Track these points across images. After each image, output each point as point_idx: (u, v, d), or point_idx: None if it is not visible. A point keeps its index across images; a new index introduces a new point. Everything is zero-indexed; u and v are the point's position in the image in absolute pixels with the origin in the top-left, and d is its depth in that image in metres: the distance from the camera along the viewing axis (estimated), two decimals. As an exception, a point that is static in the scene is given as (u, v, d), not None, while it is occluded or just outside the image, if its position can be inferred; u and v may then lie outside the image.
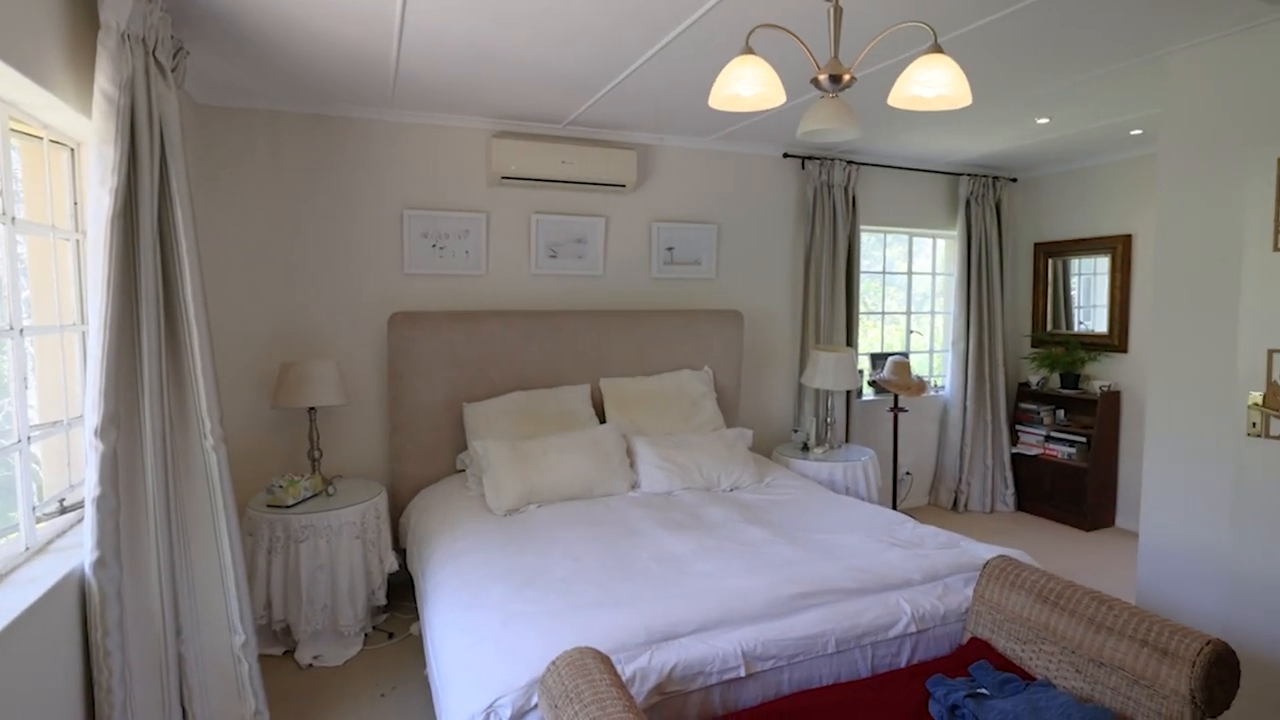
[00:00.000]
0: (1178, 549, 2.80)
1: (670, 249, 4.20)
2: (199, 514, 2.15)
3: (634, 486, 3.29)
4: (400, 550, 3.37)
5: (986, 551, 2.50)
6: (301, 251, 3.48)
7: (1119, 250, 4.61)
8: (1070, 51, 2.71)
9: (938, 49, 1.52)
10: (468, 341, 3.59)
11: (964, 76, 1.51)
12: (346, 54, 2.73)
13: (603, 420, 3.68)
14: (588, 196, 3.99)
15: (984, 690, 1.89)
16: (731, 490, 3.36)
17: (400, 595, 3.42)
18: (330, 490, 3.19)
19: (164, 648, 1.97)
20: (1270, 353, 2.35)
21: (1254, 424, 2.39)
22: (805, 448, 4.17)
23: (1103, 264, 4.75)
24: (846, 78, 1.63)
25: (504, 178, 3.66)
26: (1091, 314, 4.87)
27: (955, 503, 5.01)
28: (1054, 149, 4.43)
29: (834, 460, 3.97)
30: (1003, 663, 2.06)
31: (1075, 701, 1.77)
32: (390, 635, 3.17)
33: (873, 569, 2.31)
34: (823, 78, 1.64)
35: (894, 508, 4.77)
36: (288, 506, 2.98)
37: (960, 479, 4.98)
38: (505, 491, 3.01)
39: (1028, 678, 1.98)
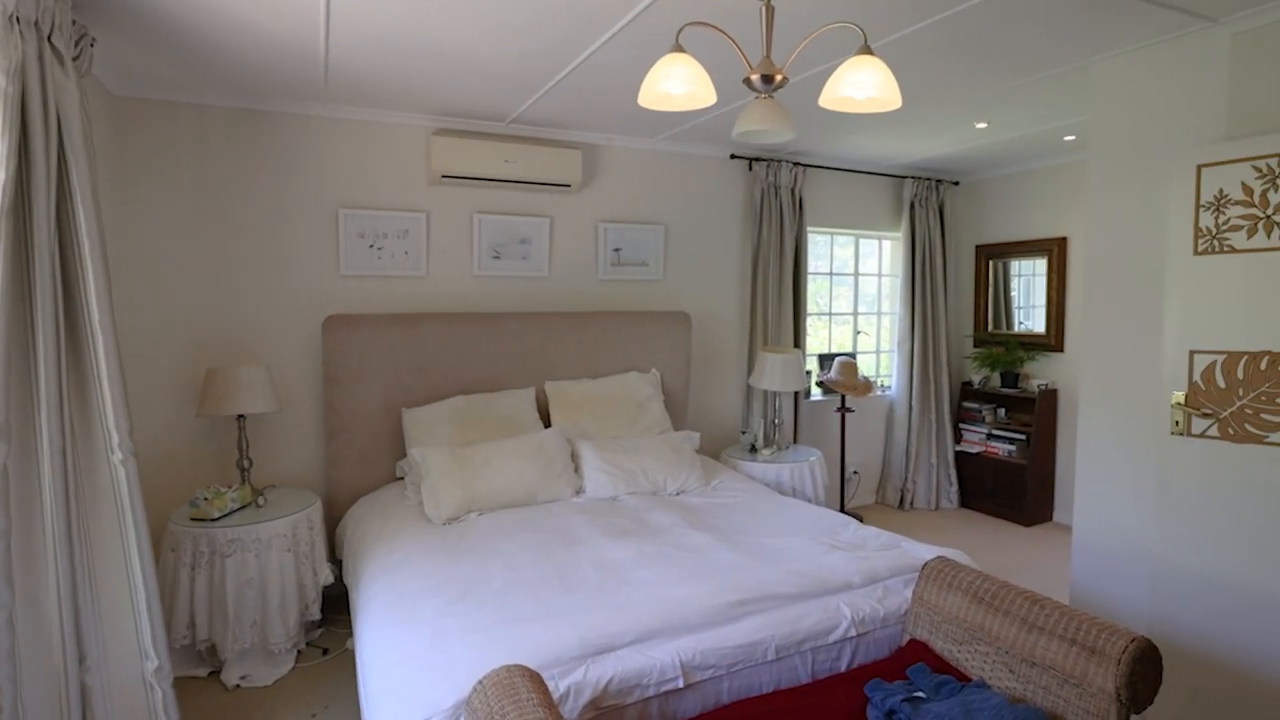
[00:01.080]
0: (1108, 544, 2.87)
1: (617, 250, 4.15)
2: (106, 532, 2.01)
3: (579, 492, 3.24)
4: (337, 561, 3.24)
5: (927, 552, 2.52)
6: (231, 251, 3.32)
7: (1055, 252, 4.73)
8: (1003, 58, 2.75)
9: (868, 51, 1.50)
10: (407, 345, 3.49)
11: (893, 79, 1.51)
12: (272, 45, 2.61)
13: (548, 424, 3.61)
14: (532, 196, 3.92)
15: (921, 694, 1.89)
16: (678, 494, 3.33)
17: (337, 608, 3.29)
18: (260, 501, 3.05)
19: (64, 678, 1.84)
20: (1192, 353, 2.42)
21: (1177, 422, 2.46)
22: (753, 449, 4.17)
23: (1040, 266, 4.87)
24: (779, 78, 1.61)
25: (444, 176, 3.56)
26: (1030, 314, 4.99)
27: (902, 501, 5.08)
28: (993, 153, 4.53)
29: (781, 461, 3.98)
30: (940, 664, 2.07)
31: (1008, 703, 1.78)
32: (325, 651, 3.05)
33: (813, 573, 2.30)
34: (755, 78, 1.61)
35: (842, 507, 4.81)
36: (213, 520, 2.84)
37: (906, 477, 5.06)
38: (444, 500, 2.92)
39: (964, 679, 1.99)
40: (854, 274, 5.25)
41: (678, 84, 1.51)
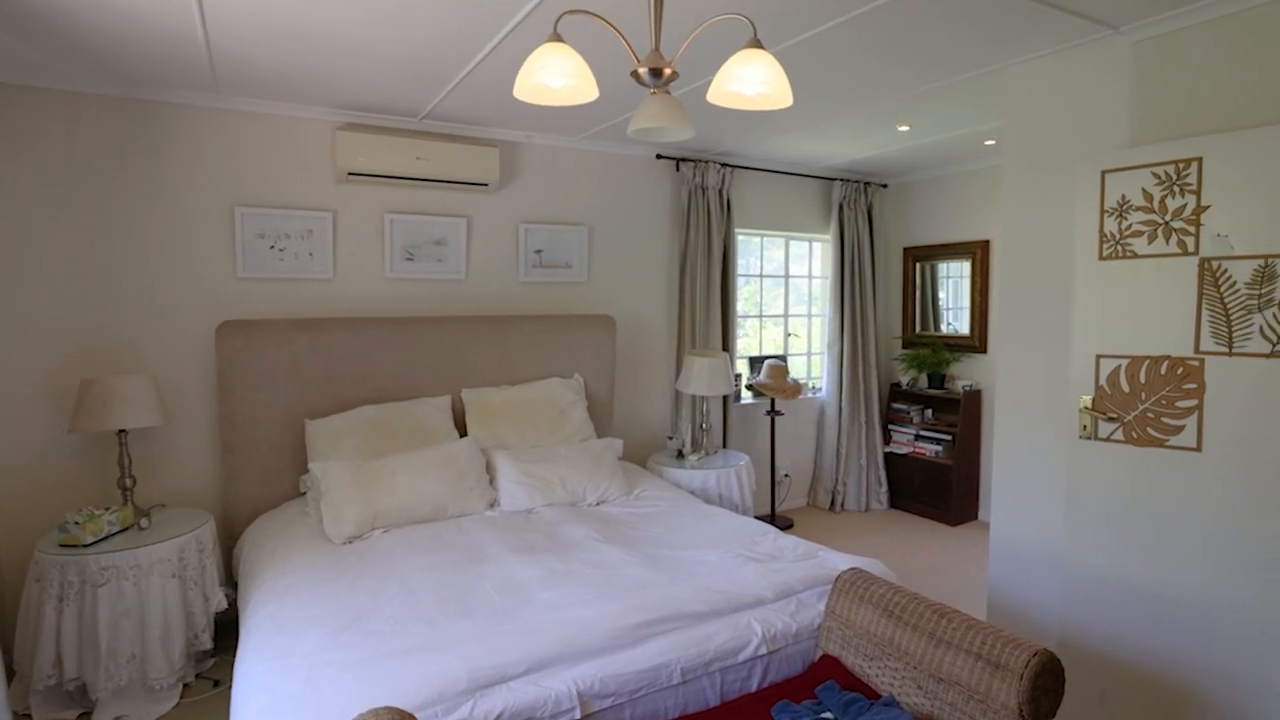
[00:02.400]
0: (1023, 548, 2.88)
1: (539, 252, 4.01)
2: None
3: (493, 505, 3.10)
4: (235, 584, 3.02)
5: (843, 562, 2.47)
6: (111, 251, 3.07)
7: (978, 255, 4.80)
8: (918, 59, 2.73)
9: (757, 44, 1.42)
10: (312, 351, 3.28)
11: (783, 74, 1.43)
12: (146, 28, 2.39)
13: (465, 434, 3.46)
14: (448, 195, 3.75)
15: (828, 715, 1.83)
16: (598, 504, 3.22)
17: (234, 636, 3.06)
18: (143, 523, 2.82)
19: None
20: (1098, 358, 2.44)
21: (1085, 426, 2.47)
22: (680, 455, 4.10)
23: (965, 268, 4.94)
24: (667, 72, 1.52)
25: (350, 174, 3.37)
26: (957, 316, 5.06)
27: (833, 503, 5.09)
28: (918, 156, 4.56)
29: (708, 467, 3.91)
30: (851, 681, 2.01)
31: (913, 721, 1.73)
32: (216, 683, 2.83)
33: (725, 589, 2.22)
34: (642, 71, 1.51)
35: (772, 511, 4.79)
36: (86, 546, 2.60)
37: (837, 479, 5.06)
38: (345, 517, 2.74)
39: (874, 696, 1.93)
40: (785, 275, 5.23)
41: (555, 76, 1.40)
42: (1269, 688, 2.12)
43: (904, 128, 3.82)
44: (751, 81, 1.41)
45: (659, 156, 4.34)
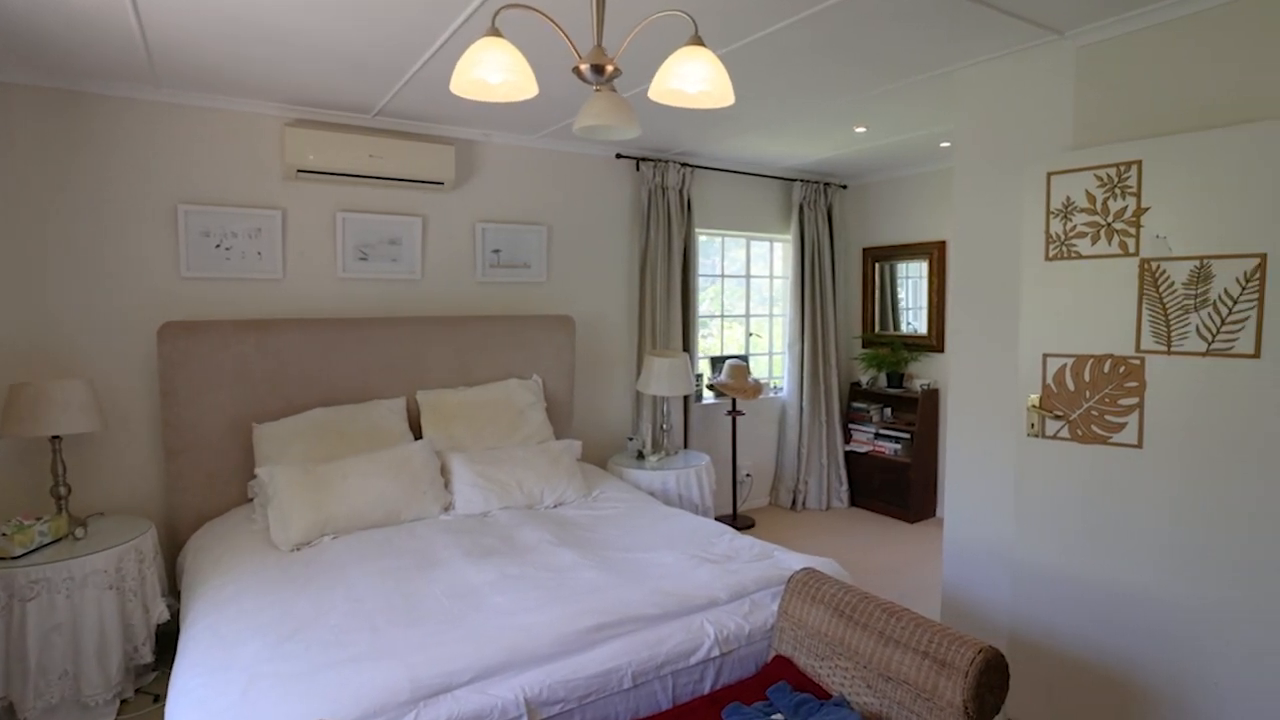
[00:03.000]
0: (976, 545, 2.92)
1: (497, 251, 3.96)
2: None
3: (448, 508, 3.04)
4: (179, 594, 2.92)
5: (798, 562, 2.48)
6: (44, 250, 2.94)
7: (935, 255, 4.87)
8: (871, 60, 2.75)
9: (698, 42, 1.41)
10: (261, 353, 3.19)
11: (724, 72, 1.41)
12: (75, 18, 2.29)
13: (420, 437, 3.40)
14: (402, 194, 3.68)
15: (778, 716, 1.82)
16: (555, 506, 3.19)
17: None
18: (79, 533, 2.71)
19: None
20: (1045, 357, 2.48)
21: (1032, 425, 2.51)
22: (640, 455, 4.08)
23: (922, 268, 5.01)
24: (610, 69, 1.49)
25: (300, 171, 3.28)
26: (915, 316, 5.12)
27: (794, 502, 5.12)
28: (876, 157, 4.61)
29: (668, 468, 3.90)
30: (803, 681, 2.01)
31: (862, 721, 1.73)
32: (156, 698, 2.74)
33: (679, 591, 2.21)
34: (584, 68, 1.49)
35: (734, 511, 4.80)
36: (14, 558, 2.48)
37: (798, 479, 5.09)
38: (293, 523, 2.67)
39: (825, 696, 1.93)
40: (746, 276, 5.25)
41: (493, 71, 1.36)
42: (1210, 681, 2.17)
43: (861, 129, 3.85)
44: (692, 79, 1.40)
45: (619, 156, 4.32)
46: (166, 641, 2.90)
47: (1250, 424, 2.07)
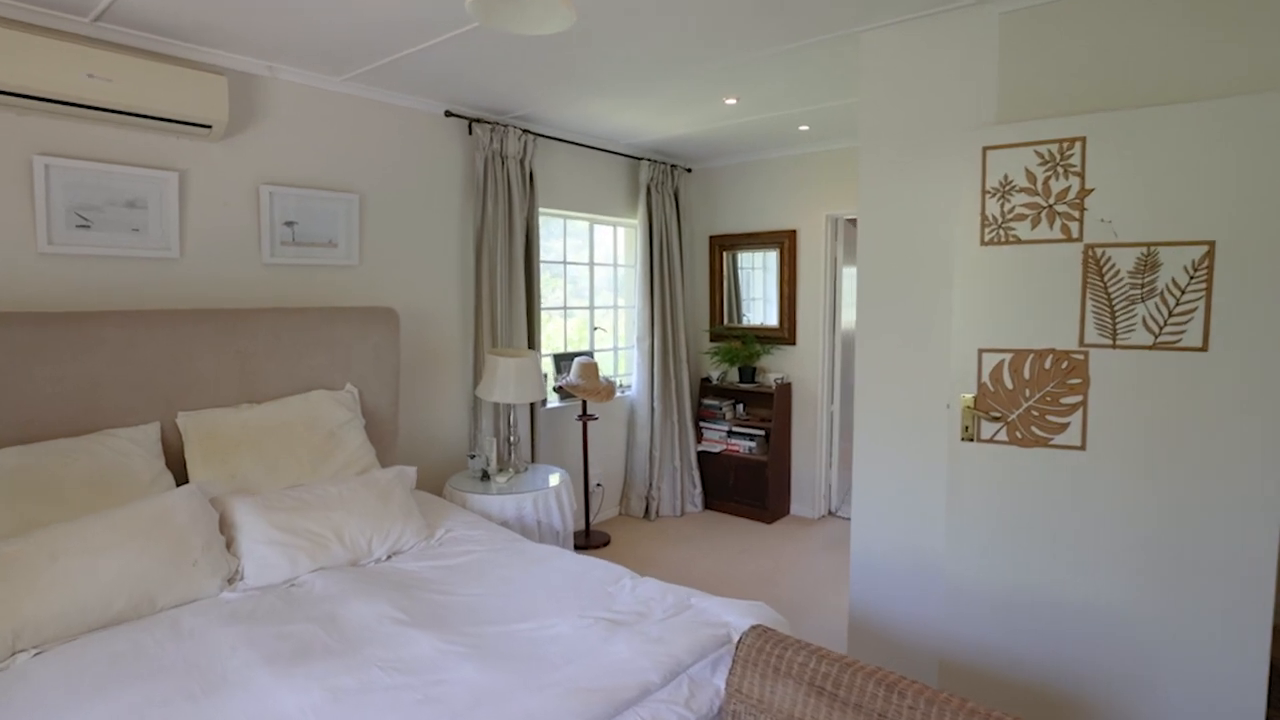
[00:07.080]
0: (895, 558, 2.64)
1: (291, 224, 3.03)
2: None
3: (233, 581, 2.16)
4: None
5: (724, 610, 1.99)
6: None
7: (786, 245, 4.68)
8: (767, 15, 2.33)
9: None
10: (-102, 367, 2.05)
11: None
12: None
13: (184, 480, 2.43)
14: (148, 138, 2.64)
15: None
16: (389, 558, 2.42)
17: None
18: None
19: None
20: (980, 352, 2.23)
21: (966, 427, 2.26)
22: (485, 476, 3.38)
23: (772, 259, 4.81)
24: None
25: (-34, 87, 2.16)
26: (765, 307, 4.92)
27: (647, 510, 4.69)
28: (730, 137, 4.28)
29: (521, 490, 3.25)
30: (773, 786, 1.53)
31: None
32: None
33: (600, 684, 1.61)
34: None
35: (587, 526, 4.26)
36: None
37: (651, 484, 4.67)
38: (-41, 641, 1.66)
39: (807, 807, 1.47)
40: (590, 263, 4.70)
41: None
42: (1153, 689, 2.04)
43: (731, 100, 3.47)
44: None
45: (449, 114, 3.55)
46: None
47: (1197, 421, 1.94)
